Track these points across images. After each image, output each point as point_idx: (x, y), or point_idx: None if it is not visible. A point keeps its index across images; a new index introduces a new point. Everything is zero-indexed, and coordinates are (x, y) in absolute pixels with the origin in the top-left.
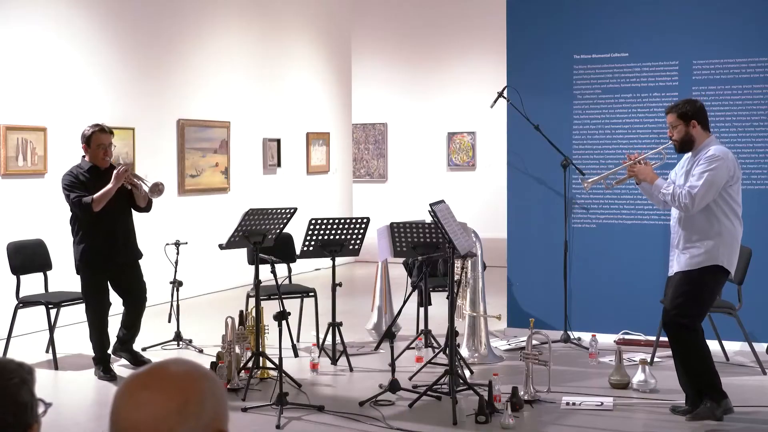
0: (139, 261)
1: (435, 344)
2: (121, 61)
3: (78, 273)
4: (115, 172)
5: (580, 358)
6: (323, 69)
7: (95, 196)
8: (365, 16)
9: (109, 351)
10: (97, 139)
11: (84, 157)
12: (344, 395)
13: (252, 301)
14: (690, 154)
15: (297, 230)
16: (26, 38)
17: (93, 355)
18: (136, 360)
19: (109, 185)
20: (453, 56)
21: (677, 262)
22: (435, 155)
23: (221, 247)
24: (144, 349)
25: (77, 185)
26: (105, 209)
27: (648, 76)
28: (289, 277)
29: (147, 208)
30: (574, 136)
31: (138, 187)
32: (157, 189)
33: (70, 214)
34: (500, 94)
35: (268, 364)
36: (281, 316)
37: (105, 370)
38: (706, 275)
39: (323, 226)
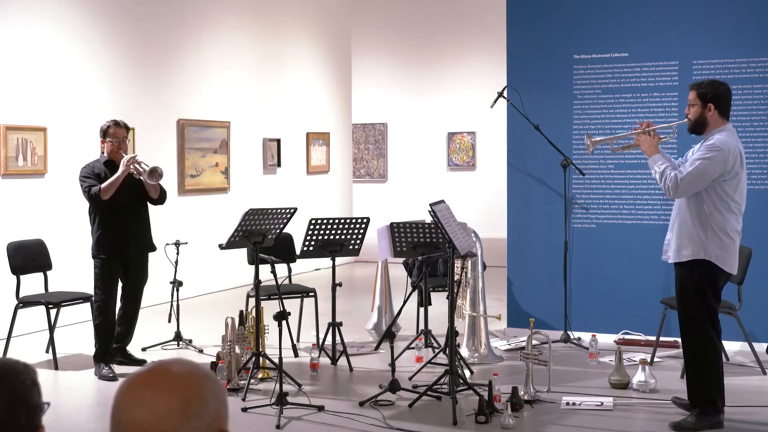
0: (150, 254)
1: (435, 344)
2: (121, 61)
3: (93, 259)
4: (122, 160)
5: (580, 358)
6: (323, 69)
7: (103, 185)
8: (365, 16)
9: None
10: (111, 132)
11: (102, 152)
12: (344, 395)
13: (252, 301)
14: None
15: (297, 230)
16: (26, 38)
17: (94, 352)
18: (132, 361)
19: (117, 173)
20: (453, 56)
21: (670, 248)
22: (435, 155)
23: (221, 247)
24: (144, 349)
25: (91, 176)
26: (118, 201)
27: (648, 76)
28: (289, 277)
29: (160, 200)
30: (574, 136)
31: (142, 174)
32: (156, 173)
33: (88, 204)
34: (500, 94)
35: (268, 364)
36: (281, 316)
37: (106, 363)
38: (697, 270)
39: (323, 226)
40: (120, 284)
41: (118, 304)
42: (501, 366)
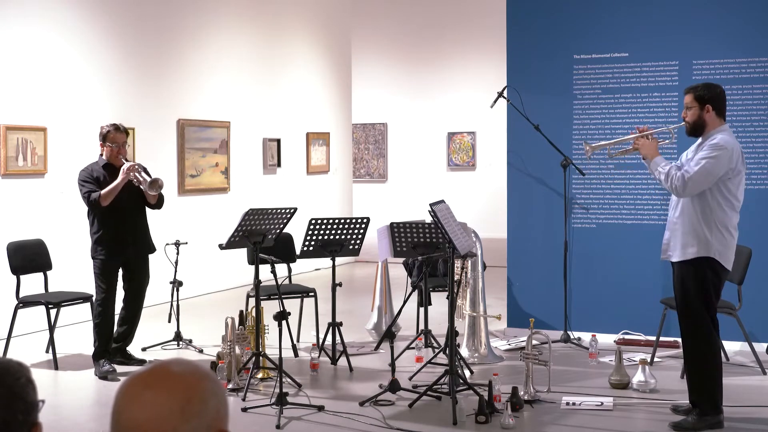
0: (150, 255)
1: (435, 344)
2: (121, 61)
3: (92, 259)
4: (122, 168)
5: (580, 358)
6: (323, 69)
7: (103, 191)
8: (365, 16)
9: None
10: (111, 137)
11: (101, 155)
12: (344, 395)
13: (252, 301)
14: (701, 139)
15: (297, 230)
16: (26, 38)
17: (93, 351)
18: (132, 361)
19: (116, 181)
20: (453, 56)
21: (672, 247)
22: (435, 155)
23: (221, 247)
24: (144, 349)
25: (90, 181)
26: (116, 205)
27: (648, 76)
28: (289, 277)
29: (158, 205)
30: (574, 136)
31: (142, 183)
32: (156, 184)
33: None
34: (500, 94)
35: (268, 364)
36: (281, 316)
37: (107, 360)
38: (703, 267)
39: (323, 226)
40: (122, 286)
41: (121, 305)
42: (501, 366)
